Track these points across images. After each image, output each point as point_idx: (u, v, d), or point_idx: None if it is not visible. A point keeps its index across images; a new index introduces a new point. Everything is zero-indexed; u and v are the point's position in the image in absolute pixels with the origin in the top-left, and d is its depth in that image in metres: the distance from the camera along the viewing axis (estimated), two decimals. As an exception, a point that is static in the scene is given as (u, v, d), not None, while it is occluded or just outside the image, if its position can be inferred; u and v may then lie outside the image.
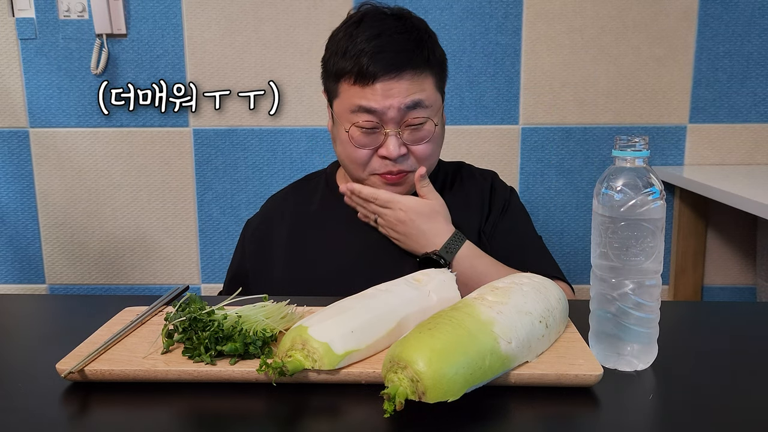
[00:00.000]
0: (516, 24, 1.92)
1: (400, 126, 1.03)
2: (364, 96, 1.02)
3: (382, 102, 1.01)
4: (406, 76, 1.02)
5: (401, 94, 1.02)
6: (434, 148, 1.08)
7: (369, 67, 1.00)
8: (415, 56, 1.03)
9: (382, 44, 1.01)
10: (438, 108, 1.07)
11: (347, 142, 1.06)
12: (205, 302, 0.74)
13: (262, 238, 1.17)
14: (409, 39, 1.04)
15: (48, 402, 0.65)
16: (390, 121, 1.03)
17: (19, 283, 2.07)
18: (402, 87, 1.02)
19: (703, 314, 0.97)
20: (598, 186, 0.70)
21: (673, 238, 2.00)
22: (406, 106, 1.02)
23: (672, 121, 1.96)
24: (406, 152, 1.06)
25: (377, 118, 1.03)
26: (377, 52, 1.01)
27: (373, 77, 1.01)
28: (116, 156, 2.00)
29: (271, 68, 1.95)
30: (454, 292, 0.79)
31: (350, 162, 1.08)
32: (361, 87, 1.02)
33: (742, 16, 1.90)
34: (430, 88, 1.05)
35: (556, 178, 1.99)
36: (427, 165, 1.08)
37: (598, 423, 0.63)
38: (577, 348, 0.71)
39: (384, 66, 1.01)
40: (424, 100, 1.03)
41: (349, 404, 0.64)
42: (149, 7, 1.92)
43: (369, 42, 1.01)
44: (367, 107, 1.02)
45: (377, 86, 1.01)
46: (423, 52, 1.04)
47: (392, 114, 1.02)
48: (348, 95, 1.04)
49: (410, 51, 1.03)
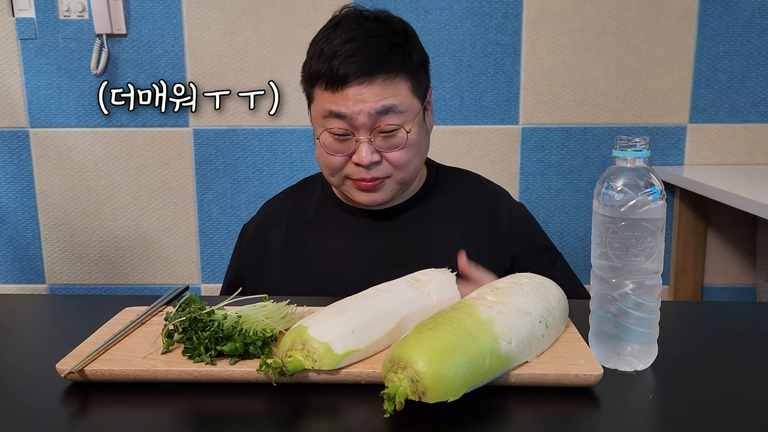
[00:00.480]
0: (516, 24, 1.92)
1: (371, 132, 1.00)
2: (335, 101, 1.00)
3: (352, 107, 0.98)
4: (378, 81, 0.99)
5: (372, 99, 0.98)
6: (410, 155, 1.04)
7: (339, 71, 0.98)
8: (388, 60, 0.99)
9: (355, 48, 0.99)
10: (414, 114, 1.03)
11: (320, 148, 1.05)
12: (205, 302, 0.74)
13: (258, 245, 1.16)
14: (383, 42, 1.00)
15: (48, 402, 0.65)
16: (361, 127, 1.00)
17: (19, 283, 2.07)
18: (373, 92, 0.98)
19: (703, 314, 0.97)
20: (599, 186, 0.70)
21: (673, 238, 2.00)
22: (377, 112, 0.99)
23: (672, 121, 1.96)
24: (380, 159, 1.02)
25: (348, 124, 1.00)
26: (348, 56, 0.98)
27: (343, 82, 0.98)
28: (116, 156, 2.00)
29: (271, 68, 1.95)
30: (454, 292, 0.79)
31: (325, 167, 1.06)
32: (332, 92, 1.00)
33: (742, 16, 1.90)
34: (405, 93, 1.01)
35: (556, 178, 1.99)
36: (404, 173, 1.04)
37: (598, 423, 0.63)
38: (577, 348, 0.71)
39: (354, 70, 0.98)
40: (397, 105, 1.00)
41: (349, 404, 0.64)
42: (149, 7, 1.92)
43: (342, 45, 0.99)
44: (337, 112, 1.00)
45: (348, 91, 0.98)
46: (397, 57, 1.00)
47: (362, 120, 0.99)
48: (321, 100, 1.03)
49: (383, 55, 0.99)
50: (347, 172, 1.04)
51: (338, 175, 1.06)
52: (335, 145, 1.03)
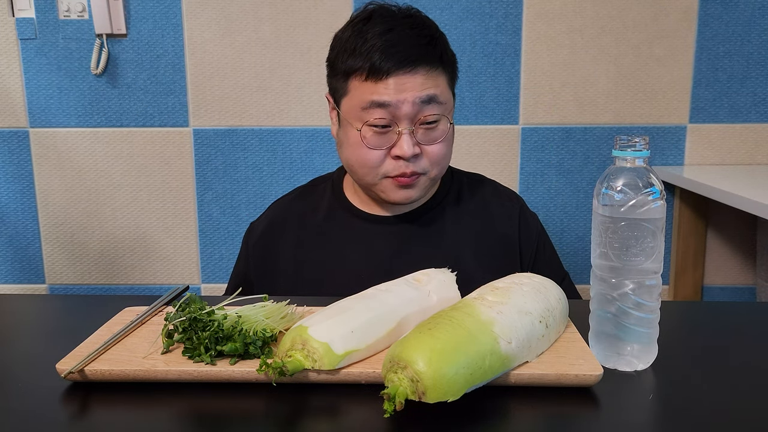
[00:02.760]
0: (516, 24, 1.92)
1: (414, 123, 0.99)
2: (377, 91, 0.98)
3: (397, 96, 0.97)
4: (421, 71, 0.98)
5: (416, 88, 0.98)
6: (447, 149, 1.04)
7: (381, 62, 0.97)
8: (429, 52, 1.00)
9: (395, 39, 0.98)
10: (451, 108, 1.04)
11: (358, 144, 1.01)
12: (205, 302, 0.74)
13: (267, 247, 1.14)
14: (422, 35, 1.01)
15: (48, 402, 0.65)
16: (404, 118, 0.98)
17: (19, 283, 2.07)
18: (416, 81, 0.98)
19: (703, 314, 0.97)
20: (598, 186, 0.70)
21: (673, 238, 2.00)
22: (421, 101, 0.98)
23: (672, 121, 1.96)
24: (420, 152, 1.01)
25: (390, 115, 0.98)
26: (390, 47, 0.97)
27: (386, 72, 0.97)
28: (116, 156, 2.00)
29: (271, 68, 1.95)
30: (454, 292, 0.79)
31: (360, 166, 1.03)
32: (374, 82, 0.98)
33: (742, 16, 1.90)
34: (444, 86, 1.02)
35: (556, 178, 1.99)
36: (438, 169, 1.04)
37: (598, 423, 0.63)
38: (577, 348, 0.71)
39: (398, 60, 0.97)
40: (438, 95, 1.00)
41: (349, 404, 0.64)
42: (149, 7, 1.92)
43: (381, 37, 0.98)
44: (380, 101, 0.97)
45: (390, 81, 0.97)
46: (436, 49, 1.01)
47: (406, 109, 0.98)
48: (359, 92, 1.00)
49: (424, 46, 0.99)
50: (385, 170, 1.02)
51: (374, 173, 1.03)
52: (375, 138, 1.00)
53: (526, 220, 1.15)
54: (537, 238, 1.14)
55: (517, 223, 1.13)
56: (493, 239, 1.11)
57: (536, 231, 1.15)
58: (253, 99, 1.96)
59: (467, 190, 1.15)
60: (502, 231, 1.12)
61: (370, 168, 1.03)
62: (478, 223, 1.11)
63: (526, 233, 1.13)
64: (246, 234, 1.19)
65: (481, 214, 1.13)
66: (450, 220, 1.11)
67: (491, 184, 1.19)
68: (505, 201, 1.16)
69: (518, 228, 1.13)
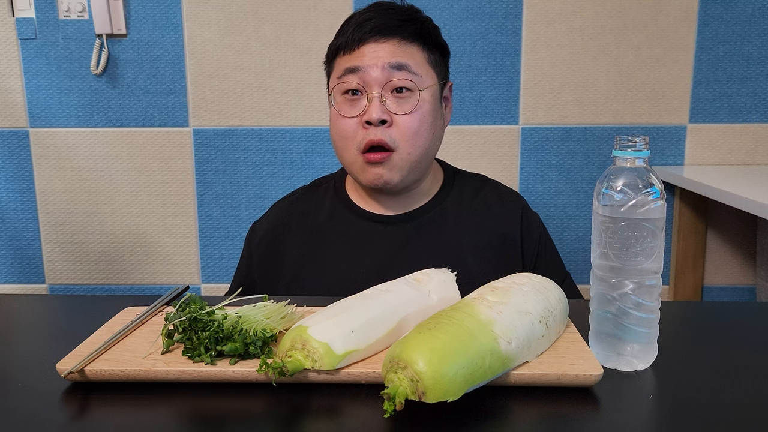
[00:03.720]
0: (516, 24, 1.92)
1: (383, 89, 1.02)
2: (350, 60, 1.03)
3: (367, 61, 1.01)
4: (393, 40, 1.02)
5: (385, 55, 1.01)
6: (420, 124, 1.03)
7: (355, 33, 1.02)
8: (404, 27, 1.03)
9: (372, 15, 1.04)
10: (430, 84, 1.04)
11: (335, 116, 1.05)
12: (205, 302, 0.74)
13: (270, 248, 1.14)
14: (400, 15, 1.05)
15: (48, 402, 0.65)
16: (374, 83, 1.01)
17: (19, 283, 2.07)
18: (387, 49, 1.02)
19: (703, 314, 0.97)
20: (598, 186, 0.70)
21: (673, 238, 2.00)
22: (390, 66, 1.01)
23: (672, 121, 1.96)
24: (389, 121, 1.02)
25: (361, 80, 1.02)
26: (365, 21, 1.03)
27: (359, 40, 1.02)
28: (116, 156, 2.00)
29: (271, 68, 1.95)
30: (454, 292, 0.79)
31: (339, 139, 1.06)
32: (350, 53, 1.03)
33: (742, 16, 1.90)
34: (419, 58, 1.04)
35: (556, 178, 1.99)
36: (411, 145, 1.02)
37: (598, 423, 0.62)
38: (577, 348, 0.71)
39: (370, 29, 1.02)
40: (410, 65, 1.02)
41: (349, 404, 0.64)
42: (149, 7, 1.92)
43: (361, 16, 1.04)
44: (351, 67, 1.02)
45: (363, 48, 1.02)
46: (414, 26, 1.04)
47: (375, 73, 1.01)
48: (338, 66, 1.05)
49: (399, 22, 1.03)
50: (358, 141, 1.03)
51: (350, 148, 1.04)
52: (347, 106, 1.04)
53: (528, 220, 1.14)
54: (539, 239, 1.14)
55: (519, 223, 1.13)
56: (495, 239, 1.11)
57: (538, 231, 1.15)
58: (253, 99, 1.96)
59: (469, 190, 1.15)
60: (504, 231, 1.12)
61: (345, 140, 1.05)
62: (480, 223, 1.11)
63: (528, 233, 1.13)
64: (248, 235, 1.19)
65: (483, 214, 1.13)
66: (452, 220, 1.11)
67: (493, 184, 1.19)
68: (507, 201, 1.16)
69: (520, 228, 1.13)
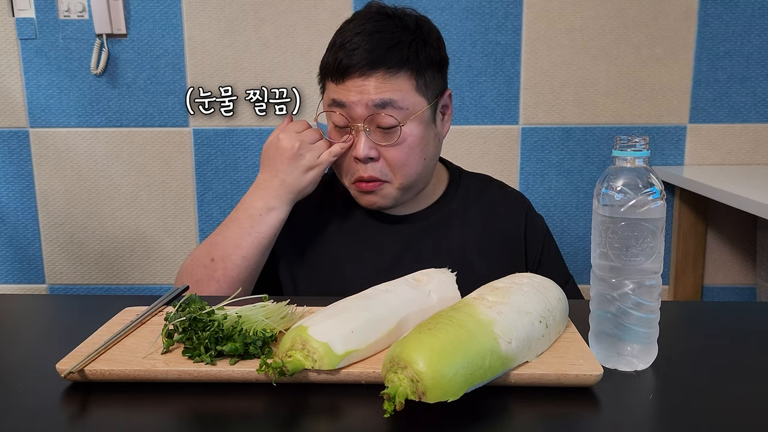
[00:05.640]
0: (516, 24, 1.92)
1: (368, 123, 1.00)
2: (337, 91, 1.01)
3: (352, 98, 0.99)
4: (377, 75, 0.99)
5: (371, 91, 0.99)
6: (408, 155, 1.02)
7: (342, 62, 0.99)
8: (390, 56, 0.99)
9: (359, 41, 1.00)
10: (418, 113, 1.01)
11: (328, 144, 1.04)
12: (205, 302, 0.74)
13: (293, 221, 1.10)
14: (388, 38, 1.00)
15: (48, 402, 0.65)
16: (359, 119, 1.00)
17: (19, 283, 2.07)
18: (371, 85, 0.99)
19: (703, 314, 0.97)
20: (598, 186, 0.70)
21: (673, 238, 2.00)
22: (375, 104, 0.98)
23: (672, 121, 1.96)
24: (378, 156, 1.01)
25: (348, 115, 1.01)
26: (353, 49, 0.99)
27: (344, 73, 1.00)
28: (116, 156, 2.00)
29: (271, 68, 1.95)
30: (454, 292, 0.79)
31: (335, 167, 1.07)
32: (336, 84, 1.01)
33: (742, 16, 1.90)
34: (407, 89, 1.00)
35: (556, 178, 1.99)
36: (402, 175, 1.02)
37: (598, 423, 0.62)
38: (577, 348, 0.71)
39: (355, 62, 0.99)
40: (396, 100, 0.99)
41: (349, 404, 0.64)
42: (149, 7, 1.92)
43: (351, 38, 1.00)
44: (339, 101, 1.01)
45: (348, 83, 1.00)
46: (401, 52, 1.00)
47: (360, 111, 0.99)
48: (328, 91, 1.04)
49: (385, 50, 0.99)
50: (350, 173, 1.04)
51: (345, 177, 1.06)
52: (337, 136, 1.03)
53: (533, 222, 1.15)
54: (543, 240, 1.14)
55: (523, 224, 1.14)
56: (499, 240, 1.11)
57: (542, 232, 1.15)
58: (253, 99, 1.96)
59: (474, 191, 1.15)
60: (508, 232, 1.12)
61: (339, 169, 1.06)
62: (484, 224, 1.11)
63: (533, 234, 1.14)
64: None
65: (487, 215, 1.13)
66: (457, 221, 1.11)
67: (498, 184, 1.19)
68: (511, 202, 1.16)
69: (524, 229, 1.13)
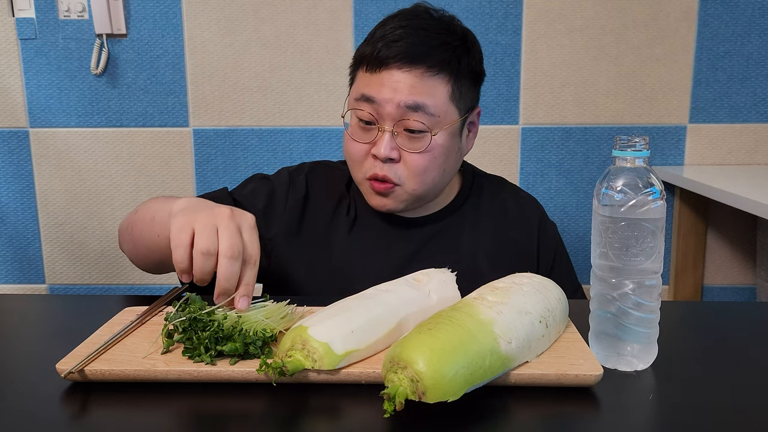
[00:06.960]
0: (516, 24, 1.92)
1: (396, 126, 0.95)
2: (369, 84, 0.95)
3: (383, 94, 0.94)
4: (416, 72, 0.93)
5: (404, 90, 0.93)
6: (430, 163, 0.97)
7: (381, 51, 0.93)
8: (434, 54, 0.94)
9: (403, 33, 0.94)
10: (448, 123, 0.96)
11: (348, 137, 1.00)
12: (205, 302, 0.74)
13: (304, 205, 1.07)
14: (434, 37, 0.95)
15: (48, 402, 0.65)
16: (386, 117, 0.94)
17: (19, 283, 2.07)
18: (408, 81, 0.93)
19: (703, 314, 0.97)
20: (598, 186, 0.70)
21: (673, 238, 2.00)
22: (407, 105, 0.93)
23: (672, 121, 1.96)
24: (398, 158, 0.96)
25: (375, 111, 0.95)
26: (395, 40, 0.93)
27: (381, 64, 0.94)
28: (116, 156, 2.00)
29: (271, 68, 1.95)
30: (454, 292, 0.79)
31: (348, 158, 1.02)
32: (371, 74, 0.95)
33: (742, 16, 1.90)
34: (442, 96, 0.95)
35: (556, 178, 1.99)
36: (417, 182, 0.98)
37: (598, 423, 0.63)
38: (577, 348, 0.71)
39: (395, 53, 0.93)
40: (429, 105, 0.94)
41: (349, 404, 0.64)
42: (149, 7, 1.92)
43: (393, 30, 0.95)
44: (368, 96, 0.95)
45: (383, 74, 0.94)
46: (444, 54, 0.94)
47: (390, 109, 0.94)
48: (358, 83, 0.98)
49: (430, 47, 0.94)
50: (365, 168, 0.99)
51: (357, 170, 1.01)
52: (360, 132, 0.98)
53: (546, 230, 1.13)
54: (555, 249, 1.13)
55: (536, 232, 1.11)
56: (510, 245, 1.09)
57: (555, 241, 1.13)
58: (253, 99, 1.96)
59: (487, 194, 1.13)
60: (520, 238, 1.10)
61: (353, 162, 1.01)
62: (496, 231, 1.09)
63: (545, 242, 1.11)
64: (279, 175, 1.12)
65: (500, 220, 1.10)
66: (469, 224, 1.09)
67: (512, 188, 1.16)
68: (525, 208, 1.13)
69: (537, 236, 1.11)
